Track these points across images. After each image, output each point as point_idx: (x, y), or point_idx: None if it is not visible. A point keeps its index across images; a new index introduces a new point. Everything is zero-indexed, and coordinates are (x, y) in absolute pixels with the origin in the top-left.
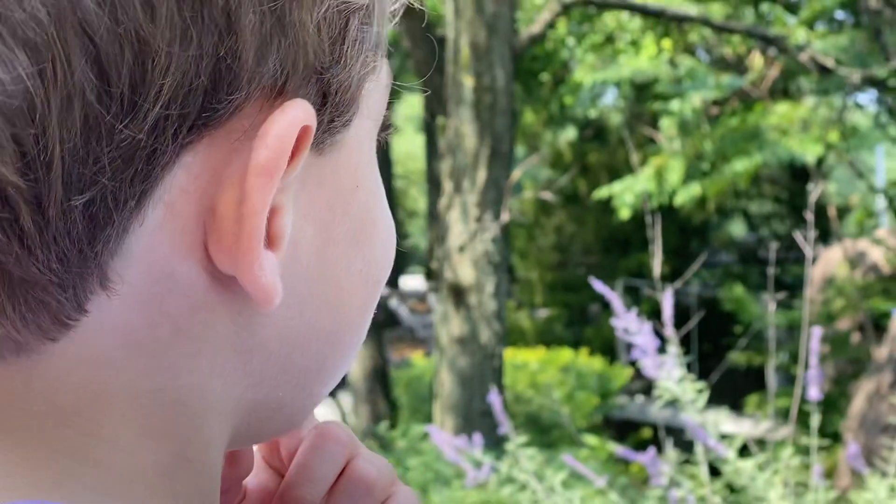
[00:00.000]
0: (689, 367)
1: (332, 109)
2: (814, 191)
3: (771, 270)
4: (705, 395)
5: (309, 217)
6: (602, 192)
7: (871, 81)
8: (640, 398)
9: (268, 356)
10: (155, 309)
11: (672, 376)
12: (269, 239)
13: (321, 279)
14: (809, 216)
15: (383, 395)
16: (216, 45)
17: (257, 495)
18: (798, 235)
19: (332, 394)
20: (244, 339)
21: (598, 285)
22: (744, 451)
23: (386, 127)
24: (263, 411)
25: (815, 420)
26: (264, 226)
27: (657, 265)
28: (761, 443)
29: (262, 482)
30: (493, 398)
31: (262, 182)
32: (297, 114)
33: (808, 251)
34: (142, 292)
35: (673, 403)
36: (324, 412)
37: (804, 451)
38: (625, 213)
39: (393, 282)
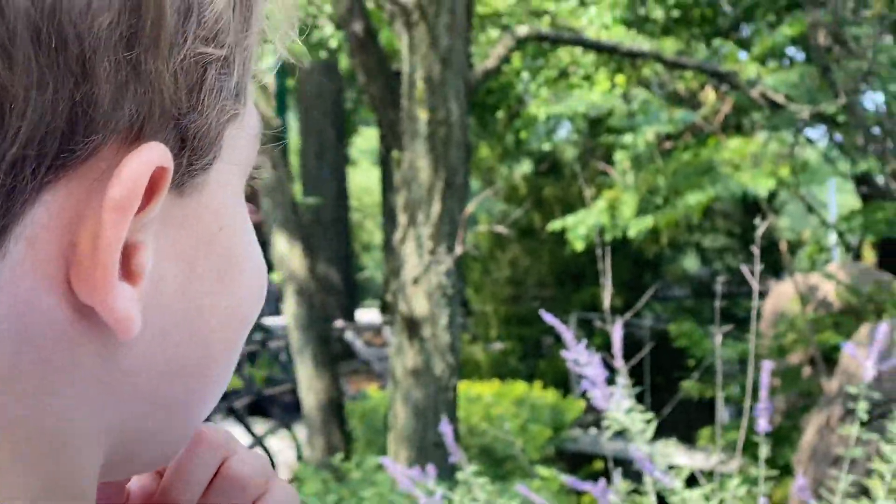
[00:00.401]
0: (641, 399)
1: (191, 153)
2: (761, 225)
3: (718, 304)
4: (653, 426)
5: (172, 255)
6: (555, 225)
7: (820, 117)
8: (592, 430)
9: (134, 387)
10: (21, 339)
11: (621, 407)
12: (129, 274)
13: (185, 315)
14: (756, 250)
15: (338, 426)
16: (72, 91)
17: (139, 499)
18: (746, 269)
19: (288, 426)
20: (110, 370)
21: (549, 318)
22: (695, 483)
23: (254, 175)
24: (134, 441)
25: (763, 452)
26: (118, 259)
27: (607, 298)
28: (712, 475)
29: (145, 485)
30: (445, 428)
31: (116, 218)
32: (151, 156)
33: (754, 285)
34: (7, 323)
35: (624, 435)
36: (279, 445)
37: (754, 482)
38: (578, 246)
39: (348, 315)
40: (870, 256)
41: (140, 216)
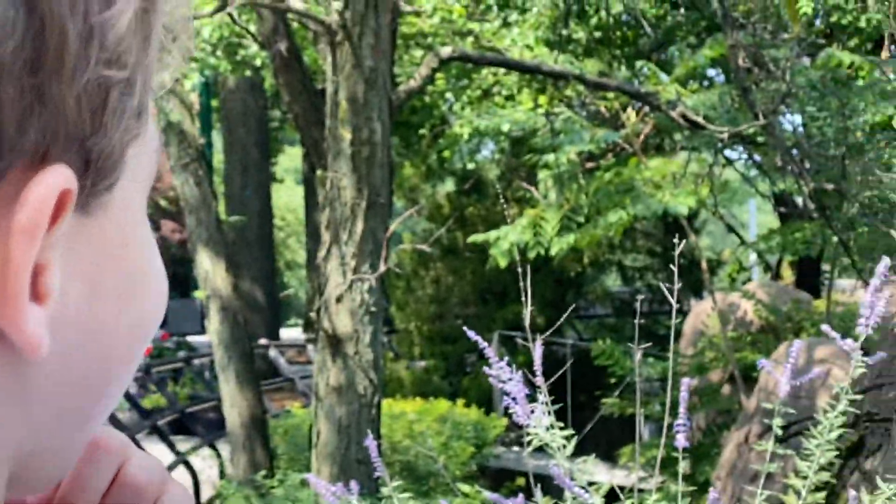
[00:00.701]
0: (563, 417)
1: (95, 174)
2: (680, 244)
3: (638, 322)
4: (574, 442)
5: (77, 273)
6: (478, 238)
7: (740, 138)
8: (515, 448)
9: (43, 404)
10: None
11: (542, 423)
12: (37, 294)
13: (90, 332)
14: (675, 268)
15: (262, 444)
16: None
17: None
18: (666, 288)
19: (211, 443)
20: (20, 388)
21: (472, 334)
22: (615, 499)
23: (156, 187)
24: (36, 457)
25: (682, 467)
26: (28, 282)
27: (528, 315)
28: (633, 492)
29: (41, 494)
30: (370, 443)
31: (24, 242)
32: (57, 179)
33: (673, 302)
34: None
35: (546, 451)
36: (202, 463)
37: (674, 499)
38: (501, 262)
39: (272, 333)
40: (788, 275)
41: (46, 237)
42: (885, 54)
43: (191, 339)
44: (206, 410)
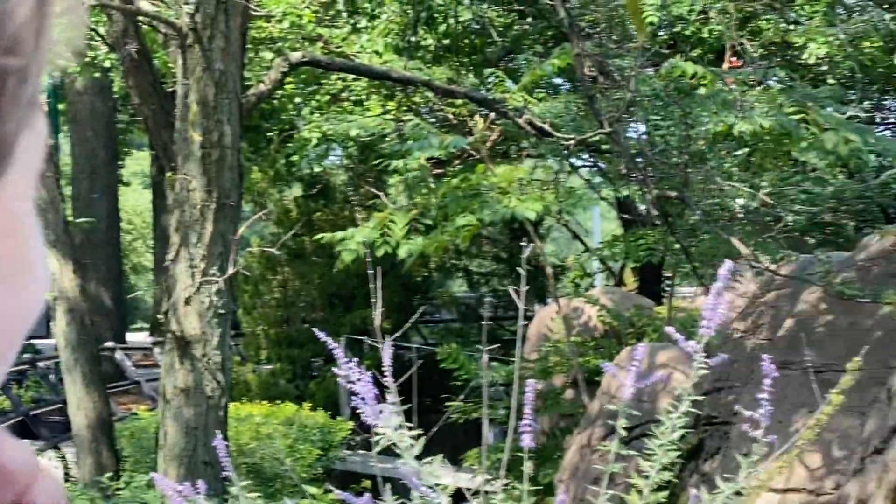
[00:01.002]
0: (409, 420)
1: None
2: (526, 249)
3: (486, 325)
4: (422, 442)
5: None
6: (325, 238)
7: (585, 145)
8: (361, 451)
9: None
10: None
11: (390, 424)
12: None
13: None
14: (522, 272)
15: (108, 446)
16: None
17: None
18: (513, 291)
19: (56, 446)
20: None
21: (322, 336)
22: (462, 500)
23: (42, 175)
24: None
25: (527, 468)
26: None
27: (377, 316)
28: (479, 493)
29: None
30: (218, 443)
31: None
32: None
33: (521, 307)
34: None
35: (393, 454)
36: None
37: (518, 500)
38: (348, 258)
39: (119, 336)
40: (631, 282)
41: None
42: (726, 65)
43: (35, 341)
44: (50, 413)
